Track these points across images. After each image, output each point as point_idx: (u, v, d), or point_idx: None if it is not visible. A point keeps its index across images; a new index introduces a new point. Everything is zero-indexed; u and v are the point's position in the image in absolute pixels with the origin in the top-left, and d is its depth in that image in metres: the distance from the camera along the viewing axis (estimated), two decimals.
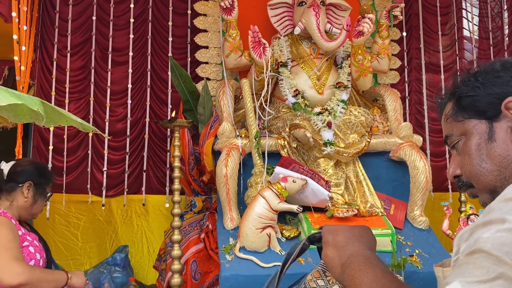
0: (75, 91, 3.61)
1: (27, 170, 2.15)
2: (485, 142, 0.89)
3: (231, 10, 3.02)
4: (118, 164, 3.62)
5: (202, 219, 3.04)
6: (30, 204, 2.14)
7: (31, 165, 2.21)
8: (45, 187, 2.20)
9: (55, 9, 3.61)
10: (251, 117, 2.84)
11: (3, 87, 1.45)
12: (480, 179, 0.90)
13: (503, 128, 0.87)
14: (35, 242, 2.11)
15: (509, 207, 0.68)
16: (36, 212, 2.20)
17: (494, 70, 0.90)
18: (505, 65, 0.90)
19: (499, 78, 0.88)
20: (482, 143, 0.89)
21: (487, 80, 0.89)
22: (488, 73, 0.90)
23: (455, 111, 0.94)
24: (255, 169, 2.75)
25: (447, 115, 0.97)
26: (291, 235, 2.60)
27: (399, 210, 2.87)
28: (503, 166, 0.86)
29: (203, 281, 2.78)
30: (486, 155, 0.88)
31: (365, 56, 3.03)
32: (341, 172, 2.85)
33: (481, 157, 0.89)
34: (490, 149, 0.88)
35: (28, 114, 1.61)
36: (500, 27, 4.29)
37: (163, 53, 3.73)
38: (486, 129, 0.89)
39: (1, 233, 1.93)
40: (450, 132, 0.96)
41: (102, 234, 3.62)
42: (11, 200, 2.11)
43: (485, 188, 0.90)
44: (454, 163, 0.98)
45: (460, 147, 0.94)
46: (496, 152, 0.87)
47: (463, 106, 0.92)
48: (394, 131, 3.05)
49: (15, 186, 2.11)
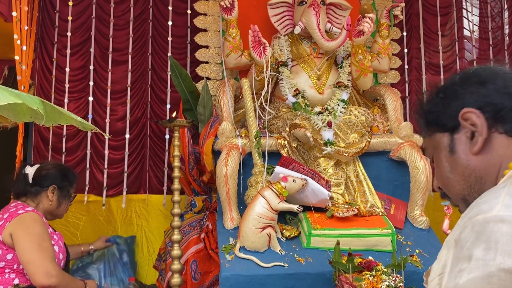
0: (74, 91, 3.61)
1: (51, 173, 2.23)
2: (449, 155, 0.93)
3: (231, 10, 3.02)
4: (118, 163, 3.62)
5: (202, 219, 3.04)
6: (55, 206, 2.23)
7: (54, 168, 2.30)
8: (69, 189, 2.29)
9: (55, 8, 3.60)
10: (251, 116, 2.84)
11: (3, 86, 1.45)
12: (450, 190, 0.96)
13: (462, 140, 0.91)
14: (60, 242, 2.17)
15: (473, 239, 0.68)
16: (61, 213, 2.29)
17: (453, 84, 0.94)
18: (463, 77, 0.94)
19: (456, 91, 0.92)
20: (447, 154, 0.94)
21: (446, 94, 0.94)
22: (447, 87, 0.95)
23: (424, 126, 1.01)
24: (255, 168, 2.75)
25: (420, 130, 1.03)
26: (291, 235, 2.60)
27: (400, 210, 2.87)
28: (466, 175, 0.90)
29: (203, 281, 2.78)
30: (451, 167, 0.93)
31: (365, 55, 3.03)
32: (341, 171, 2.85)
33: (448, 169, 0.94)
34: (453, 161, 0.92)
35: (28, 113, 1.61)
36: (500, 27, 4.29)
37: (163, 52, 3.73)
38: (448, 142, 0.93)
39: (36, 230, 2.00)
40: (425, 146, 1.03)
41: (102, 234, 3.61)
42: (37, 202, 2.20)
43: (457, 197, 0.95)
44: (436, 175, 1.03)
45: (434, 160, 1.00)
46: (458, 163, 0.91)
47: (429, 121, 0.98)
48: (395, 130, 3.05)
49: (40, 190, 2.19)
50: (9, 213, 2.02)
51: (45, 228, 2.04)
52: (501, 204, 0.69)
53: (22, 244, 1.93)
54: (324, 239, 2.45)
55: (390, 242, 2.53)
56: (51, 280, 1.88)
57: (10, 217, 2.00)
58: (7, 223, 1.98)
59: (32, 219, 2.03)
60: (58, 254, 2.09)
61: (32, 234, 1.97)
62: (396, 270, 2.25)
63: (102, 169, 3.57)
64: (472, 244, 0.67)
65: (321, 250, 2.45)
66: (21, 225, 1.99)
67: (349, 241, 2.46)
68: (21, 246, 1.93)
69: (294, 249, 2.52)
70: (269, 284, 2.31)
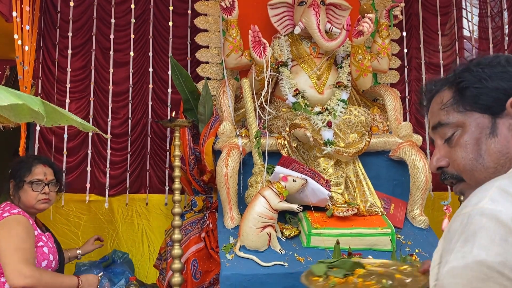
0: (76, 91, 3.62)
1: (12, 169, 2.18)
2: (486, 137, 0.85)
3: (231, 10, 3.03)
4: (119, 163, 3.63)
5: (203, 218, 3.05)
6: (17, 201, 2.14)
7: (15, 162, 2.23)
8: (23, 178, 2.15)
9: (56, 9, 3.61)
10: (251, 116, 2.85)
11: (4, 87, 1.46)
12: (474, 174, 0.87)
13: (505, 125, 0.84)
14: (49, 243, 2.13)
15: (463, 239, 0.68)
16: (31, 204, 2.15)
17: (500, 64, 0.86)
18: (509, 60, 0.87)
19: (506, 73, 0.85)
20: (482, 137, 0.86)
21: (493, 73, 0.86)
22: (494, 66, 0.87)
23: (457, 100, 0.90)
24: (255, 168, 2.76)
25: (445, 104, 0.92)
26: (291, 234, 2.61)
27: (399, 210, 2.87)
28: (500, 164, 0.84)
29: (203, 280, 2.79)
30: (485, 151, 0.85)
31: (365, 55, 3.03)
32: (341, 171, 2.86)
33: (479, 152, 0.86)
34: (490, 145, 0.85)
35: (29, 113, 1.61)
36: (500, 27, 4.29)
37: (163, 53, 3.74)
38: (488, 124, 0.85)
39: (15, 232, 1.96)
40: (445, 121, 0.91)
41: (103, 233, 3.62)
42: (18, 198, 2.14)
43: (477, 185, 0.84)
44: (440, 153, 0.94)
45: (454, 139, 0.90)
46: (496, 148, 0.84)
47: (466, 96, 0.88)
48: (394, 130, 3.06)
49: (8, 186, 2.16)
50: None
51: (27, 230, 1.99)
52: (488, 197, 0.69)
53: (1, 246, 1.92)
54: (324, 238, 2.46)
55: (390, 241, 2.54)
56: (25, 281, 1.85)
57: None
58: None
59: (15, 221, 2.00)
60: (47, 255, 2.07)
61: (11, 236, 1.94)
62: None
63: (103, 169, 3.58)
64: (458, 236, 0.68)
65: (321, 249, 2.46)
66: (4, 227, 1.96)
67: (348, 240, 2.47)
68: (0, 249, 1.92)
69: (294, 248, 2.53)
70: (269, 283, 2.32)
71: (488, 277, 0.63)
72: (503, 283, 0.62)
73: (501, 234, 0.64)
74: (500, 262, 0.63)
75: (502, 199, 0.68)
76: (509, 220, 0.64)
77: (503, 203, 0.67)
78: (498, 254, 0.63)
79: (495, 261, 0.63)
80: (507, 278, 0.62)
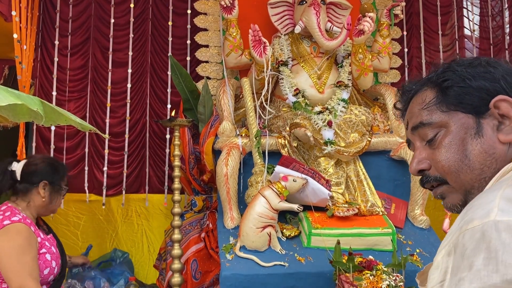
0: (75, 90, 3.61)
1: (40, 168, 2.09)
2: (471, 137, 0.83)
3: (231, 9, 3.02)
4: (118, 163, 3.62)
5: (203, 218, 3.04)
6: (47, 203, 2.08)
7: (43, 162, 2.13)
8: (60, 183, 2.14)
9: (55, 8, 3.60)
10: (251, 116, 2.83)
11: (3, 87, 1.45)
12: (459, 176, 0.84)
13: (489, 126, 0.82)
14: (52, 248, 2.06)
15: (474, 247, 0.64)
16: (55, 208, 2.17)
17: (481, 65, 0.85)
18: (489, 62, 0.85)
19: (488, 74, 0.83)
20: (467, 138, 0.83)
21: (476, 73, 0.84)
22: (475, 66, 0.85)
23: (440, 100, 0.87)
24: (256, 168, 2.75)
25: (428, 103, 0.88)
26: (292, 234, 2.60)
27: (400, 209, 2.86)
28: (487, 164, 0.81)
29: (203, 280, 2.78)
30: (470, 151, 0.83)
31: (365, 55, 3.02)
32: (341, 171, 2.85)
33: (465, 153, 0.83)
34: (476, 145, 0.82)
35: (28, 113, 1.60)
36: (500, 26, 4.28)
37: (163, 53, 3.73)
38: (473, 124, 0.83)
39: (17, 243, 1.90)
40: (428, 121, 0.88)
41: (102, 234, 3.62)
42: (28, 200, 2.05)
43: (462, 187, 0.84)
44: (421, 155, 0.90)
45: (438, 140, 0.87)
46: (482, 148, 0.82)
47: (450, 96, 0.86)
48: (395, 130, 3.05)
49: (30, 187, 2.05)
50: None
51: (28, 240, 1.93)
52: (497, 208, 0.66)
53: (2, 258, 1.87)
54: (325, 238, 2.45)
55: (391, 241, 2.53)
56: None
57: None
58: None
59: (16, 230, 1.92)
60: (50, 262, 2.01)
61: (12, 248, 1.88)
62: (397, 270, 2.25)
63: (102, 169, 3.57)
64: (473, 253, 0.65)
65: (322, 249, 2.45)
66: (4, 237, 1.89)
67: (349, 240, 2.46)
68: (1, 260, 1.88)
69: (295, 248, 2.52)
70: (270, 284, 2.31)
71: None
72: None
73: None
74: None
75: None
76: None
77: None
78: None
79: None
80: None
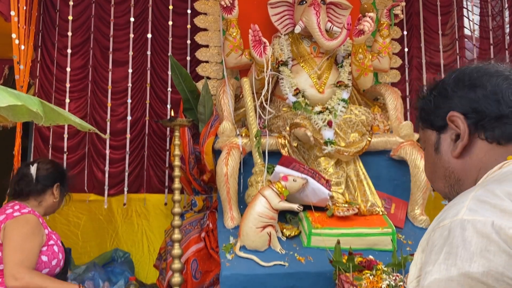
0: (75, 90, 3.61)
1: (53, 172, 2.26)
2: (434, 153, 0.95)
3: (231, 9, 3.02)
4: (118, 163, 3.62)
5: (203, 218, 3.04)
6: (58, 202, 2.26)
7: (53, 166, 2.31)
8: (67, 185, 2.33)
9: (55, 8, 3.60)
10: (251, 116, 2.83)
11: (3, 87, 1.45)
12: (434, 185, 0.99)
13: (446, 140, 0.91)
14: (59, 242, 2.17)
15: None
16: (58, 208, 2.33)
17: (445, 84, 0.94)
18: (456, 77, 0.93)
19: (446, 92, 0.93)
20: (433, 152, 0.95)
21: (438, 93, 0.94)
22: (440, 87, 0.95)
23: (418, 119, 1.01)
24: (256, 168, 2.75)
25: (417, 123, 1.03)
26: (292, 234, 2.60)
27: (400, 209, 2.86)
28: (447, 175, 0.92)
29: (203, 280, 2.78)
30: (435, 165, 0.95)
31: (365, 55, 3.02)
32: (341, 171, 2.85)
33: (433, 165, 0.96)
34: (437, 159, 0.94)
35: (27, 113, 1.60)
36: (501, 26, 4.28)
37: (163, 53, 3.73)
38: (435, 140, 0.95)
39: (21, 231, 1.99)
40: (420, 138, 1.03)
41: (102, 233, 3.62)
42: (40, 200, 2.19)
43: (440, 193, 0.97)
44: None
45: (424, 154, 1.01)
46: (440, 163, 0.93)
47: (421, 117, 0.99)
48: (395, 130, 3.05)
49: (46, 188, 2.20)
50: (6, 215, 2.02)
51: (34, 230, 2.02)
52: (466, 208, 0.71)
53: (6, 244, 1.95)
54: (325, 238, 2.45)
55: (391, 241, 2.53)
56: (15, 283, 1.86)
57: (6, 219, 2.01)
58: (2, 224, 1.99)
59: (24, 220, 2.02)
60: (57, 254, 2.09)
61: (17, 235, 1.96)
62: (397, 269, 2.25)
63: (102, 168, 3.57)
64: (440, 249, 0.70)
65: (322, 249, 2.44)
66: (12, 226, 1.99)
67: (349, 240, 2.46)
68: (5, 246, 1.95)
69: (295, 248, 2.52)
70: (270, 283, 2.31)
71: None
72: None
73: (482, 245, 0.66)
74: (483, 272, 0.65)
75: (479, 209, 0.70)
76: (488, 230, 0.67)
77: (482, 212, 0.69)
78: (481, 265, 0.65)
79: (478, 272, 0.65)
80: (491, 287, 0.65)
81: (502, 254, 0.65)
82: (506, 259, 0.65)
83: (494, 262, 0.65)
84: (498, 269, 0.64)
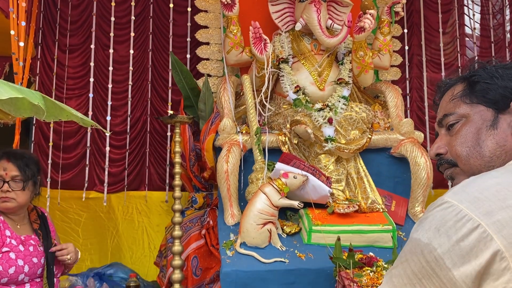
0: (75, 88, 3.62)
1: None
2: (486, 128, 0.92)
3: (232, 6, 3.02)
4: (119, 161, 3.63)
5: (203, 215, 3.04)
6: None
7: None
8: None
9: (56, 6, 3.61)
10: (252, 113, 2.84)
11: (4, 81, 1.45)
12: (469, 161, 0.94)
13: (506, 121, 0.91)
14: (20, 247, 1.93)
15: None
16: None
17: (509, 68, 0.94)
18: None
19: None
20: (483, 128, 0.93)
21: (505, 74, 0.93)
22: (508, 68, 0.94)
23: (466, 93, 0.97)
24: (256, 165, 2.75)
25: (455, 95, 0.99)
26: (292, 231, 2.60)
27: (400, 207, 2.86)
28: (496, 155, 0.91)
29: (204, 277, 2.78)
30: (483, 141, 0.92)
31: (366, 52, 3.02)
32: (342, 168, 2.85)
33: (478, 141, 0.93)
34: (489, 136, 0.92)
35: (29, 108, 1.60)
36: (501, 24, 4.28)
37: (163, 50, 3.73)
38: (491, 117, 0.92)
39: None
40: (451, 111, 0.99)
41: (103, 231, 3.62)
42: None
43: (469, 171, 0.94)
44: (440, 141, 1.02)
45: (456, 128, 0.97)
46: (495, 139, 0.91)
47: (476, 90, 0.95)
48: (395, 127, 3.05)
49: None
50: None
51: None
52: (451, 191, 0.79)
53: None
54: (325, 235, 2.46)
55: (391, 238, 2.53)
56: None
57: None
58: None
59: None
60: (14, 261, 1.86)
61: None
62: None
63: (103, 166, 3.58)
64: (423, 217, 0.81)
65: (322, 246, 2.45)
66: None
67: (349, 237, 2.46)
68: None
69: (295, 245, 2.52)
70: (270, 280, 2.31)
71: (414, 251, 0.77)
72: (419, 260, 0.76)
73: (437, 224, 0.75)
74: (425, 244, 0.75)
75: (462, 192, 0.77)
76: (450, 214, 0.75)
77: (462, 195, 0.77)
78: (427, 237, 0.75)
79: (423, 241, 0.76)
80: (423, 257, 0.75)
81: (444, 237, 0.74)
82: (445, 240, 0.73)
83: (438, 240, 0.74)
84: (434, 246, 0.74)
